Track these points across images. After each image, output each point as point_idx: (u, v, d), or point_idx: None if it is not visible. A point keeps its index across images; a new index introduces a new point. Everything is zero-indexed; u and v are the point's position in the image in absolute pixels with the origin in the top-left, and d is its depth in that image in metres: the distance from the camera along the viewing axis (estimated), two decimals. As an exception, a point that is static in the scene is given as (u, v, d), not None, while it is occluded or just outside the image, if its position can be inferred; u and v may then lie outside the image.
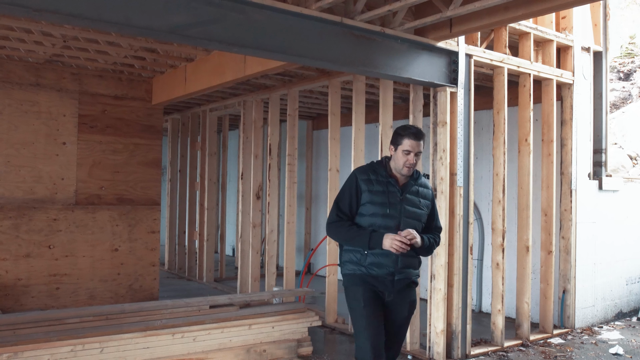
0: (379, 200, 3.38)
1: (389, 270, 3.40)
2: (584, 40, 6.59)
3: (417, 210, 3.46)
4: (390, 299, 3.45)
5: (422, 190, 3.54)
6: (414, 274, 3.51)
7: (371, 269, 3.40)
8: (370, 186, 3.41)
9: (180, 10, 3.79)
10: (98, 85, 6.63)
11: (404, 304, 3.51)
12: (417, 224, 3.45)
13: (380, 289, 3.43)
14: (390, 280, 3.41)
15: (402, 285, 3.45)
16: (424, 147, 3.46)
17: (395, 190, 3.42)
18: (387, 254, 3.36)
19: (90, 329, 4.50)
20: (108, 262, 6.66)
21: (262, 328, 5.17)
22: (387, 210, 3.37)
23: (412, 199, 3.45)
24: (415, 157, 3.40)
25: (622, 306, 7.11)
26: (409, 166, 3.40)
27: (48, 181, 6.30)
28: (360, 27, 4.57)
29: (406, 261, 3.43)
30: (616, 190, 6.96)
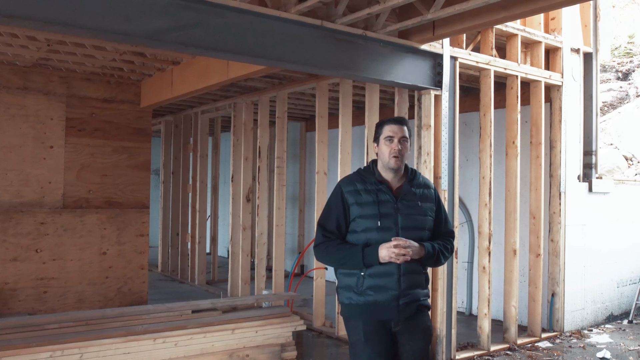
0: (369, 213, 2.88)
1: (392, 294, 2.87)
2: (574, 42, 6.55)
3: (419, 217, 2.94)
4: (398, 329, 2.93)
5: (422, 191, 3.00)
6: (422, 294, 2.97)
7: (370, 294, 2.89)
8: (358, 197, 2.92)
9: (158, 15, 3.77)
10: (86, 88, 6.63)
11: (416, 332, 2.96)
12: (421, 234, 2.92)
13: (385, 318, 2.91)
14: (395, 305, 2.88)
15: (410, 310, 2.92)
16: (410, 135, 3.00)
17: (388, 198, 2.91)
18: (387, 273, 2.87)
19: (71, 334, 4.48)
20: (96, 265, 6.65)
21: (245, 332, 5.15)
22: (379, 222, 2.87)
23: (410, 204, 2.93)
24: (401, 144, 2.90)
25: (613, 309, 7.07)
26: (396, 155, 2.89)
27: (36, 185, 6.30)
28: (342, 30, 4.55)
29: (411, 279, 2.90)
30: (607, 192, 6.92)
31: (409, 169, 3.05)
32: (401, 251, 2.75)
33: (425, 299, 3.01)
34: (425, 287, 3.02)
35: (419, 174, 3.09)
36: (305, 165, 10.20)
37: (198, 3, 3.89)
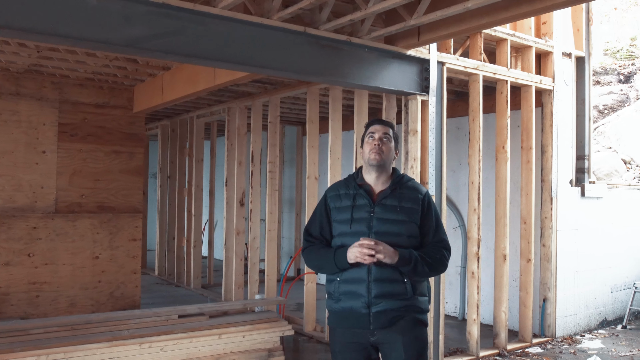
0: (344, 217, 2.81)
1: (363, 301, 2.73)
2: (565, 46, 6.53)
3: (396, 222, 2.77)
4: (376, 339, 2.77)
5: (406, 194, 2.82)
6: (400, 305, 2.74)
7: (344, 301, 2.77)
8: (338, 202, 2.86)
9: (138, 23, 3.79)
10: (79, 93, 6.67)
11: (397, 343, 2.75)
12: (397, 240, 2.74)
13: (358, 326, 2.76)
14: (366, 314, 2.73)
15: (383, 321, 2.73)
16: (396, 139, 2.91)
17: (365, 202, 2.79)
18: (358, 279, 2.74)
19: (56, 339, 4.51)
20: (89, 269, 6.69)
21: (232, 338, 5.15)
22: (350, 227, 2.78)
23: (387, 208, 2.78)
24: (382, 141, 2.80)
25: (607, 314, 7.03)
26: (375, 150, 2.78)
27: (28, 190, 6.34)
28: (326, 36, 4.56)
29: (384, 287, 2.72)
30: (600, 196, 6.89)
31: (397, 173, 2.91)
32: (366, 251, 2.63)
33: (408, 309, 2.76)
34: (406, 297, 2.75)
35: (409, 178, 2.93)
36: (302, 170, 10.20)
37: (178, 11, 3.90)
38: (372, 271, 2.73)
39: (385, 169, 2.84)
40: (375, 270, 2.72)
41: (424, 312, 2.83)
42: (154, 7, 3.82)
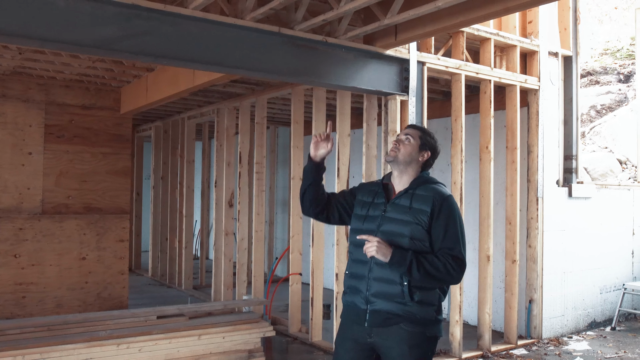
0: (361, 213, 2.85)
1: (362, 297, 2.74)
2: (552, 45, 6.49)
3: (402, 223, 2.71)
4: (373, 340, 2.73)
5: (421, 195, 2.74)
6: (396, 308, 2.66)
7: (349, 295, 2.81)
8: (363, 196, 2.89)
9: (109, 24, 3.80)
10: (65, 95, 6.70)
11: (394, 346, 2.69)
12: (399, 240, 2.68)
13: (356, 321, 2.77)
14: (363, 310, 2.73)
15: (377, 320, 2.70)
16: (425, 144, 2.85)
17: (381, 202, 2.80)
18: (359, 275, 2.77)
19: (33, 340, 4.53)
20: (76, 270, 6.71)
21: (212, 338, 5.16)
22: (363, 224, 2.80)
23: (398, 209, 2.74)
24: (399, 142, 2.82)
25: (596, 315, 6.97)
26: (392, 147, 2.83)
27: (14, 191, 6.37)
28: (301, 36, 4.55)
29: (379, 287, 2.70)
30: (588, 197, 6.84)
31: (422, 176, 2.84)
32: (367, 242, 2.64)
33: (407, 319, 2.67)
34: (406, 304, 2.65)
35: (433, 180, 2.83)
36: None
37: (149, 12, 3.91)
38: (372, 269, 2.73)
39: (405, 169, 2.82)
40: (376, 269, 2.72)
41: (428, 322, 2.70)
42: (124, 8, 3.84)
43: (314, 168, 2.90)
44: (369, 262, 2.73)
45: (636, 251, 7.45)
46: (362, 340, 2.77)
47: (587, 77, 15.29)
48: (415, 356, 2.69)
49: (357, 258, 2.81)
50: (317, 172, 2.91)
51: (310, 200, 2.94)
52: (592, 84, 14.82)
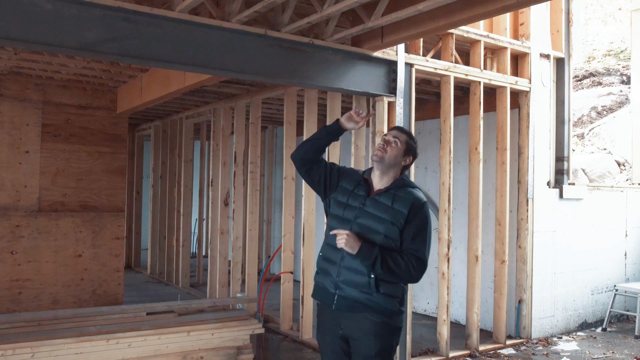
0: (341, 200, 2.97)
1: (332, 281, 2.90)
2: (543, 47, 6.52)
3: (379, 220, 2.84)
4: (344, 332, 2.90)
5: (401, 197, 2.87)
6: (362, 297, 2.82)
7: (321, 276, 2.98)
8: (346, 183, 3.00)
9: (93, 26, 3.88)
10: (62, 95, 6.81)
11: (360, 336, 2.85)
12: (373, 236, 2.82)
13: (325, 303, 2.95)
14: (332, 294, 2.89)
15: (346, 305, 2.85)
16: (409, 147, 2.99)
17: (362, 194, 2.92)
18: (333, 260, 2.90)
19: (23, 335, 4.62)
20: (71, 267, 6.82)
21: (201, 335, 5.23)
22: (343, 212, 2.93)
23: (376, 205, 2.87)
24: (388, 143, 2.93)
25: (587, 316, 6.99)
26: (379, 148, 2.93)
27: (11, 189, 6.49)
28: (287, 38, 4.62)
29: (348, 276, 2.84)
30: (580, 198, 6.86)
31: (402, 179, 2.98)
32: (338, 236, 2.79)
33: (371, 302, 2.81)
34: (371, 294, 2.81)
35: (411, 184, 2.97)
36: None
37: (135, 14, 3.99)
38: (344, 257, 2.88)
39: (387, 171, 2.95)
40: (347, 258, 2.87)
41: (389, 312, 2.86)
42: (110, 11, 3.91)
43: (335, 131, 3.01)
44: (342, 250, 2.86)
45: (629, 252, 7.46)
46: (336, 332, 2.94)
47: (589, 78, 15.27)
48: (380, 346, 2.85)
49: (331, 243, 2.95)
50: (334, 136, 3.03)
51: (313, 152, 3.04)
52: (595, 85, 14.80)
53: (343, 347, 2.96)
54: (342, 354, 2.97)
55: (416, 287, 7.77)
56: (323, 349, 3.06)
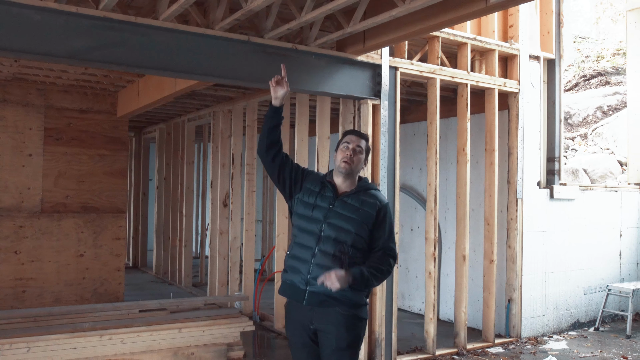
0: (308, 200, 3.08)
1: (302, 278, 3.01)
2: (532, 49, 6.59)
3: (350, 220, 3.01)
4: (315, 327, 3.04)
5: (367, 200, 3.07)
6: (335, 292, 2.92)
7: (290, 274, 3.08)
8: (311, 184, 3.12)
9: (81, 35, 4.06)
10: (63, 99, 7.04)
11: (331, 333, 3.01)
12: (344, 237, 2.99)
13: (295, 300, 3.06)
14: (303, 290, 3.01)
15: (317, 300, 2.99)
16: (367, 151, 3.18)
17: (329, 195, 3.07)
18: (303, 259, 3.03)
19: (19, 330, 4.83)
20: (73, 267, 7.04)
21: (192, 332, 5.39)
22: (311, 212, 3.05)
23: (345, 206, 3.04)
24: (354, 153, 3.08)
25: (580, 316, 7.04)
26: (346, 160, 3.06)
27: (14, 191, 6.73)
28: (270, 44, 4.77)
29: (320, 272, 2.94)
30: (572, 198, 6.91)
31: (363, 181, 3.17)
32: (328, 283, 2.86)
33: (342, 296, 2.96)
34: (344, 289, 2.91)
35: (374, 187, 3.17)
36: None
37: (120, 23, 4.16)
38: (316, 255, 3.02)
39: (352, 176, 3.13)
40: (319, 256, 3.01)
41: (358, 305, 3.05)
42: (97, 21, 4.10)
43: (276, 112, 3.19)
44: (314, 248, 3.02)
45: (624, 252, 7.49)
46: (306, 327, 3.06)
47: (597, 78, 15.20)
48: (351, 337, 3.04)
49: (301, 242, 3.08)
50: (278, 116, 3.20)
51: (272, 142, 3.20)
52: (602, 85, 14.73)
53: (313, 341, 3.10)
54: (312, 347, 3.11)
55: (412, 286, 7.87)
56: (294, 344, 3.19)
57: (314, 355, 3.11)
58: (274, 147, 3.20)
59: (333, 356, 3.03)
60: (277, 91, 3.20)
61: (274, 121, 3.20)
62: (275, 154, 3.18)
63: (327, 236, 3.01)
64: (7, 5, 3.80)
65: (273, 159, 3.18)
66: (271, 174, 3.23)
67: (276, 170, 3.19)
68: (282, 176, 3.18)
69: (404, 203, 7.95)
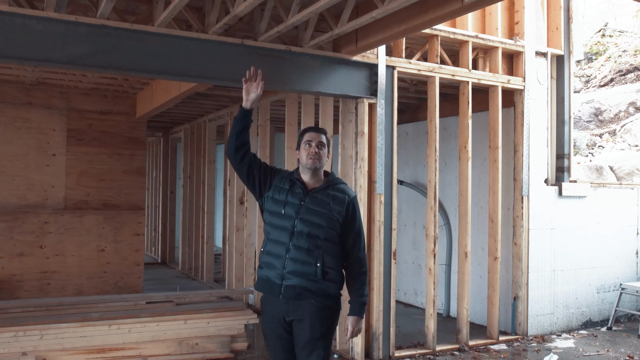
0: (279, 198, 3.18)
1: (278, 273, 3.11)
2: (539, 45, 6.54)
3: (321, 215, 3.13)
4: (291, 318, 3.15)
5: (336, 195, 3.20)
6: (309, 285, 3.10)
7: (265, 270, 3.18)
8: (280, 182, 3.23)
9: (78, 42, 4.33)
10: (85, 102, 7.42)
11: (305, 323, 3.12)
12: (317, 231, 3.11)
13: (271, 294, 3.16)
14: (279, 284, 3.11)
15: (293, 294, 3.10)
16: (328, 144, 3.29)
17: (299, 192, 3.17)
18: (277, 254, 3.13)
19: (32, 318, 5.16)
20: (94, 261, 7.41)
21: (197, 323, 5.63)
22: (283, 209, 3.15)
23: (316, 201, 3.15)
24: (318, 148, 3.18)
25: (592, 315, 6.94)
26: (312, 156, 3.16)
27: (39, 189, 7.14)
28: (264, 46, 4.94)
29: (296, 266, 3.09)
30: (583, 195, 6.82)
31: (331, 175, 3.29)
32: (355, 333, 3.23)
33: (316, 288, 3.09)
34: (317, 281, 3.09)
35: (341, 181, 3.30)
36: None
37: (116, 30, 4.42)
38: (290, 250, 3.12)
39: (318, 171, 3.25)
40: (293, 250, 3.12)
41: (332, 296, 3.18)
42: (94, 28, 4.36)
43: (245, 115, 3.24)
44: (287, 243, 3.13)
45: (641, 251, 7.33)
46: (281, 320, 3.17)
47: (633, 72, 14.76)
48: (324, 327, 3.16)
49: (274, 238, 3.19)
50: (248, 119, 3.25)
51: (241, 143, 3.25)
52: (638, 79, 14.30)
53: (288, 332, 3.23)
54: (287, 339, 3.25)
55: (422, 283, 7.92)
56: (269, 336, 3.32)
57: (287, 347, 3.24)
58: (242, 148, 3.28)
59: (307, 345, 3.15)
60: (250, 93, 3.25)
61: (243, 124, 3.27)
62: (243, 155, 3.27)
63: (300, 231, 3.11)
64: (11, 16, 4.10)
65: (242, 159, 3.28)
66: (240, 174, 3.33)
67: (245, 170, 3.29)
68: (251, 176, 3.28)
69: (416, 200, 8.01)
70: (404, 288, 8.31)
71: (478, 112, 6.77)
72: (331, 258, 3.16)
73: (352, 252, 3.23)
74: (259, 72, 3.31)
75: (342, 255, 3.22)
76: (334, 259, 3.17)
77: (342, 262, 3.23)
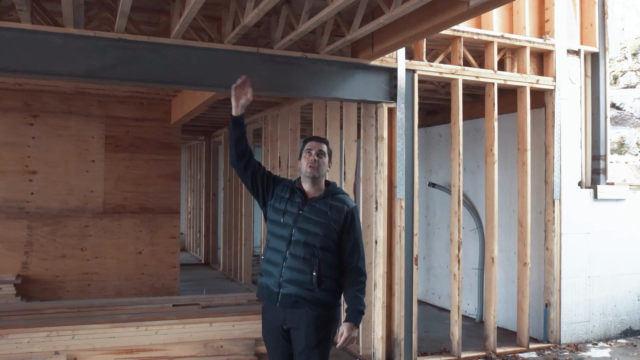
0: (279, 207, 3.22)
1: (275, 281, 3.13)
2: (571, 43, 6.32)
3: (319, 224, 3.14)
4: (288, 327, 3.17)
5: (335, 204, 3.21)
6: (305, 293, 3.11)
7: (264, 277, 3.21)
8: (281, 191, 3.26)
9: (97, 55, 4.50)
10: (121, 109, 7.70)
11: (303, 327, 3.14)
12: (313, 240, 3.13)
13: (269, 302, 3.19)
14: (276, 292, 3.13)
15: (289, 302, 3.12)
16: (329, 154, 3.30)
17: (298, 201, 3.19)
18: (275, 262, 3.16)
19: (64, 318, 5.42)
20: (132, 263, 7.68)
21: (222, 326, 5.76)
22: (282, 218, 3.18)
23: (314, 210, 3.17)
24: (318, 157, 3.20)
25: (633, 323, 6.64)
26: (311, 165, 3.18)
27: (79, 193, 7.46)
28: (278, 54, 4.99)
29: (292, 275, 3.10)
30: (621, 198, 6.54)
31: (331, 185, 3.31)
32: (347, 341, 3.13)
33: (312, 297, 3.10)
34: (313, 290, 3.10)
35: (341, 191, 3.30)
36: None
37: (134, 43, 4.57)
38: (287, 259, 3.14)
39: (319, 180, 3.26)
40: (290, 259, 3.14)
41: (328, 305, 3.17)
42: (112, 42, 4.53)
43: (236, 123, 3.25)
44: (285, 252, 3.16)
45: (688, 256, 6.95)
46: (279, 327, 3.20)
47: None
48: (321, 336, 3.15)
49: (273, 247, 3.23)
50: (241, 127, 3.27)
51: (242, 153, 3.28)
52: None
53: (287, 340, 3.27)
54: (286, 346, 3.28)
55: (456, 287, 7.78)
56: (268, 343, 3.37)
57: (286, 354, 3.28)
58: (243, 157, 3.31)
59: (303, 353, 3.18)
60: (239, 99, 3.26)
61: (238, 133, 3.30)
62: (246, 164, 3.31)
63: (297, 240, 3.12)
64: (33, 33, 4.32)
65: (245, 168, 3.32)
66: (245, 183, 3.38)
67: (249, 179, 3.33)
68: (255, 184, 3.32)
69: (447, 203, 7.87)
70: (438, 292, 8.20)
71: (509, 112, 6.60)
72: (328, 267, 3.15)
73: (350, 261, 3.21)
74: (247, 79, 3.30)
75: (340, 265, 3.21)
76: (331, 268, 3.16)
77: (339, 271, 3.21)
